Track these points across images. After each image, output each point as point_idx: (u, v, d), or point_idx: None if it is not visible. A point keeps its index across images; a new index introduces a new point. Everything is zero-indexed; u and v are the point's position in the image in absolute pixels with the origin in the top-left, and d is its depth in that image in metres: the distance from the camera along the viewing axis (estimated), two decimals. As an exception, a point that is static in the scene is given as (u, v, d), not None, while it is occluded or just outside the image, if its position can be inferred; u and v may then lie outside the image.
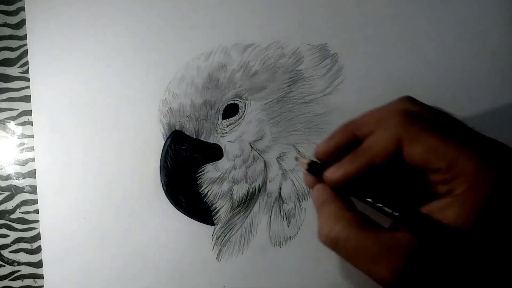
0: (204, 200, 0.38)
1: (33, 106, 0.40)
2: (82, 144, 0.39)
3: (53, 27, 0.40)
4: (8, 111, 0.41)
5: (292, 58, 0.37)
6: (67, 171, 0.39)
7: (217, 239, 0.38)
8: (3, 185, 0.41)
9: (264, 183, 0.38)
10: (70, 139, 0.39)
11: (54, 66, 0.39)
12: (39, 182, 0.39)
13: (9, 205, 0.40)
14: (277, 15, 0.38)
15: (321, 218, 0.28)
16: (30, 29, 0.40)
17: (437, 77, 0.36)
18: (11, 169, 0.40)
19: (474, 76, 0.36)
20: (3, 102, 0.41)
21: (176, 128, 0.37)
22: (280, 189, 0.37)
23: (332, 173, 0.28)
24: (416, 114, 0.26)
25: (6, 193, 0.40)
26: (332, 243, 0.26)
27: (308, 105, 0.37)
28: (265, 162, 0.38)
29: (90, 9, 0.39)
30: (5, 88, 0.41)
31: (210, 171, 0.38)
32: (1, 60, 0.41)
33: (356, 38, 0.37)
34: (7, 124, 0.40)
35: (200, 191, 0.38)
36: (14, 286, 0.40)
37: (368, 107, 0.37)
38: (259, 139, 0.37)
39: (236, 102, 0.37)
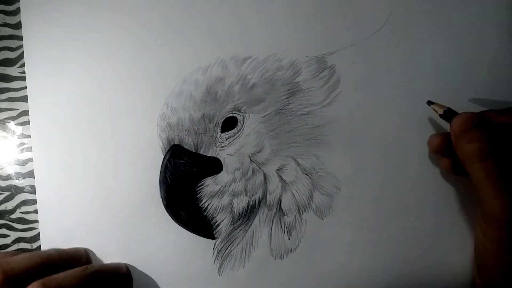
0: (205, 214, 0.37)
1: (31, 120, 0.40)
2: (80, 162, 0.39)
3: (48, 39, 0.40)
4: (8, 111, 0.41)
5: (290, 70, 0.38)
6: (65, 192, 0.39)
7: (218, 252, 0.38)
8: (3, 185, 0.40)
9: (264, 195, 0.37)
10: (68, 157, 0.39)
11: (51, 75, 0.39)
12: (38, 196, 0.39)
13: (9, 205, 0.40)
14: (275, 28, 0.38)
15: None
16: (26, 32, 0.40)
17: (435, 87, 0.36)
18: (11, 169, 0.40)
19: (472, 82, 0.36)
20: (3, 102, 0.41)
21: (175, 142, 0.37)
22: (280, 201, 0.37)
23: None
24: None
25: (6, 193, 0.40)
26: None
27: (307, 117, 0.37)
28: (264, 175, 0.37)
29: (83, 26, 0.39)
30: (5, 88, 0.41)
31: (209, 185, 0.37)
32: (1, 60, 0.41)
33: (353, 49, 0.37)
34: (7, 124, 0.40)
35: (200, 205, 0.37)
36: (14, 285, 0.40)
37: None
38: (258, 152, 0.37)
39: (234, 115, 0.37)
